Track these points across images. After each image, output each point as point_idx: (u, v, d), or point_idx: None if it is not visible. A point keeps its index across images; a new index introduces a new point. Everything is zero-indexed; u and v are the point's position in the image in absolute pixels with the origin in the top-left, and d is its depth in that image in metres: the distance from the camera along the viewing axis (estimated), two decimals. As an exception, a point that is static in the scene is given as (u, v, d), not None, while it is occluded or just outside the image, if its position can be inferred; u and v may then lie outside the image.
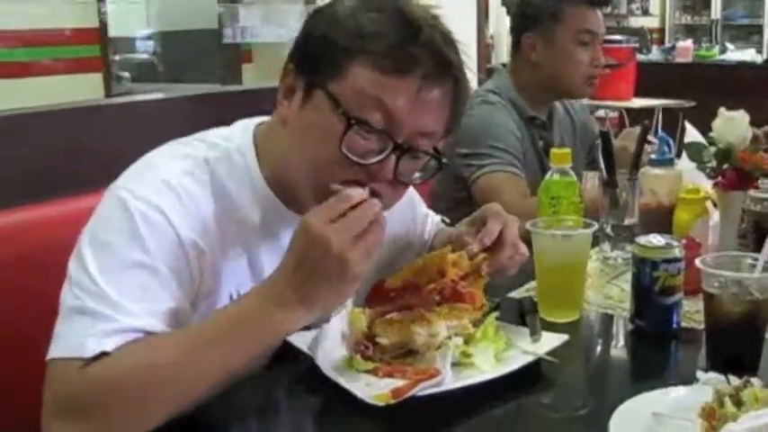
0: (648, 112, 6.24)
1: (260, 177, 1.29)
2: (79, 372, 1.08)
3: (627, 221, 1.82)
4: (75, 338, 1.11)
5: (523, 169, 2.32)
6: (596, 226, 1.52)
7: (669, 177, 1.77)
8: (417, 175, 1.27)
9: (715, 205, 1.77)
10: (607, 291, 1.66)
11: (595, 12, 2.39)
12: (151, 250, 1.17)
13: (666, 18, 11.12)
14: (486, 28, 5.00)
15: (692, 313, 1.48)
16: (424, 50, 1.18)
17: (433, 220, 1.71)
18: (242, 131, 1.34)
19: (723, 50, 8.83)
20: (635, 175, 1.83)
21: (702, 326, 1.40)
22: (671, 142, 1.84)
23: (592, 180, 1.85)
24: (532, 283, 1.59)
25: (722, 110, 1.73)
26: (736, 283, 1.26)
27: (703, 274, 1.28)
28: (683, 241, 1.44)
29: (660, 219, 1.71)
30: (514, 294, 1.59)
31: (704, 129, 2.08)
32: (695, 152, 1.75)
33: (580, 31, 2.36)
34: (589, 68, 2.38)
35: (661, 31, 11.01)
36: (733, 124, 1.70)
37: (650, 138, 1.95)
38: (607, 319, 1.54)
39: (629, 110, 6.27)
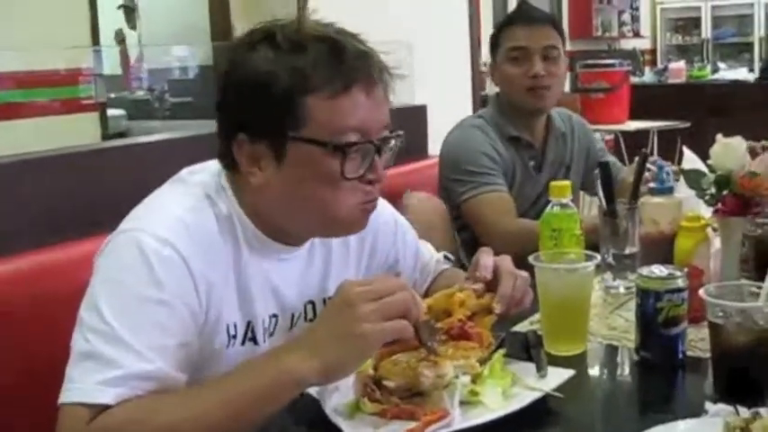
0: (643, 134, 6.27)
1: (244, 217, 1.35)
2: (85, 427, 1.12)
3: (628, 250, 1.82)
4: (81, 385, 1.14)
5: (512, 188, 2.44)
6: (598, 258, 1.52)
7: (670, 206, 1.77)
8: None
9: (715, 230, 1.77)
10: (611, 321, 1.66)
11: (525, 28, 2.49)
12: (165, 285, 1.21)
13: (658, 39, 11.17)
14: (479, 56, 5.02)
15: (696, 341, 1.48)
16: (355, 60, 1.28)
17: (431, 255, 1.72)
18: (212, 176, 1.38)
19: (715, 70, 8.87)
20: (635, 204, 1.83)
21: (707, 354, 1.40)
22: (669, 170, 1.84)
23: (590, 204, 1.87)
24: (536, 316, 1.58)
25: (719, 136, 1.73)
26: (740, 313, 1.26)
27: (707, 304, 1.28)
28: (686, 270, 1.44)
29: (662, 248, 1.71)
30: (519, 328, 1.59)
31: (701, 149, 2.09)
32: (693, 180, 1.75)
33: (509, 49, 2.50)
34: (524, 80, 2.46)
35: (653, 52, 11.06)
36: (730, 150, 1.70)
37: (648, 165, 1.96)
38: (612, 351, 1.53)
39: (624, 133, 6.30)
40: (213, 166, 1.38)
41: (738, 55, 10.60)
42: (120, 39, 5.44)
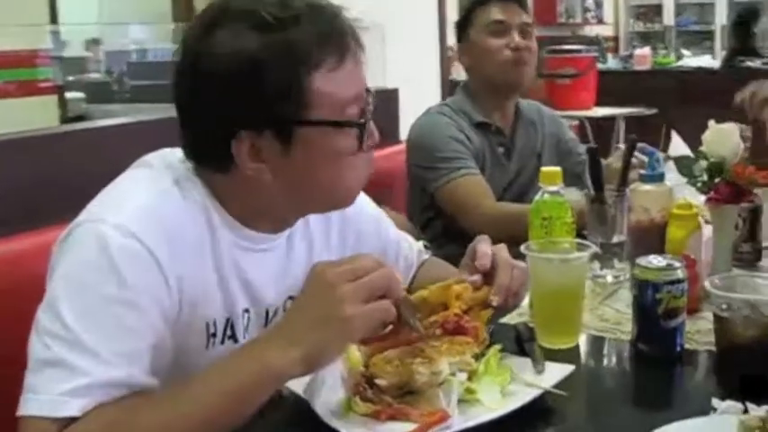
0: (610, 120, 6.26)
1: (218, 205, 1.25)
2: None
3: (615, 239, 1.77)
4: (45, 396, 1.04)
5: (483, 175, 2.37)
6: (594, 248, 1.46)
7: (660, 193, 1.72)
8: None
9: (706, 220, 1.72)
10: (601, 312, 1.60)
11: (500, 5, 2.46)
12: (131, 283, 1.10)
13: (620, 26, 11.21)
14: (446, 40, 4.96)
15: (692, 333, 1.42)
16: (336, 24, 1.20)
17: (411, 246, 1.65)
18: (180, 162, 1.27)
19: (680, 57, 8.91)
20: (623, 191, 1.78)
21: (704, 347, 1.36)
22: (660, 157, 1.78)
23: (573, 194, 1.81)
24: (525, 307, 1.52)
25: (712, 122, 1.68)
26: (748, 305, 1.21)
27: (712, 296, 1.23)
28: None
29: (652, 236, 1.66)
30: (508, 320, 1.53)
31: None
32: (685, 167, 1.69)
33: (488, 23, 2.46)
34: (505, 52, 2.43)
35: (615, 39, 11.09)
36: (724, 137, 1.65)
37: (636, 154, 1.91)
38: (606, 344, 1.47)
39: (590, 119, 6.28)
40: (178, 152, 1.27)
41: (700, 43, 10.67)
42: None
